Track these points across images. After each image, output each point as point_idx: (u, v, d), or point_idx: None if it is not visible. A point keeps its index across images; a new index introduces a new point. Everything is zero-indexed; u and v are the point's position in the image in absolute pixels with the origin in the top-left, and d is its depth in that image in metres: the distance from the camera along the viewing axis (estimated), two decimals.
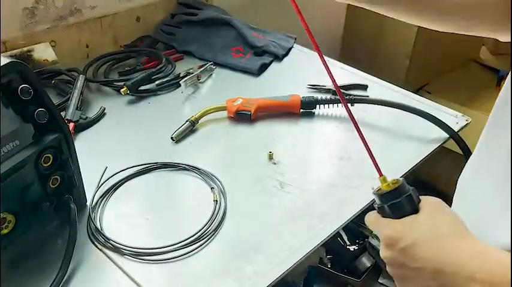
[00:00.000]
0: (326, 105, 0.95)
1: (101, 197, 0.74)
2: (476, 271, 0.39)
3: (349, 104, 0.94)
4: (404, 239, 0.44)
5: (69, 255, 0.61)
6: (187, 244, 0.66)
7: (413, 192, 0.47)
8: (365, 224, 0.50)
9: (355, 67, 1.12)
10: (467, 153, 0.95)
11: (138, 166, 0.80)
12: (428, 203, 0.46)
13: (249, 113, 0.93)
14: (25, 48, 1.02)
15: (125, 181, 0.78)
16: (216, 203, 0.73)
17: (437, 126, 0.89)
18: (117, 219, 0.71)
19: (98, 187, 0.75)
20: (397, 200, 0.46)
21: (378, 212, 0.49)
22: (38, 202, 0.63)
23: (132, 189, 0.77)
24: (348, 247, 1.47)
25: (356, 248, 1.47)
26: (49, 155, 0.62)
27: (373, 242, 1.46)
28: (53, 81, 1.01)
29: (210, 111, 0.94)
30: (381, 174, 0.49)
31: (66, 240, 0.62)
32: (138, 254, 0.65)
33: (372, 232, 1.47)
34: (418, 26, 1.56)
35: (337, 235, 1.46)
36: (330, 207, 0.74)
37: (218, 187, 0.76)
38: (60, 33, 1.08)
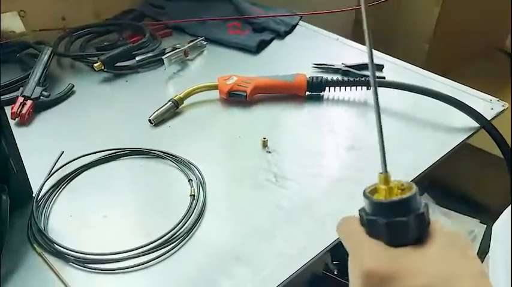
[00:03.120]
0: (337, 88, 0.80)
1: (51, 189, 0.60)
2: None
3: (364, 87, 0.79)
4: (404, 281, 0.29)
5: None
6: (150, 249, 0.52)
7: (425, 210, 0.31)
8: None
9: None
10: (503, 146, 0.79)
11: (103, 151, 0.66)
12: (443, 233, 0.31)
13: (244, 93, 0.78)
14: None
15: (84, 170, 0.63)
16: (193, 199, 0.58)
17: (465, 114, 0.74)
18: (67, 216, 0.57)
19: (49, 176, 0.61)
20: (403, 219, 0.30)
21: (361, 223, 0.32)
22: None
23: (91, 179, 0.63)
24: None
25: None
26: None
27: None
28: (17, 55, 0.88)
29: (197, 90, 0.80)
30: (385, 169, 0.33)
31: None
32: (85, 262, 0.50)
33: None
34: (441, 7, 1.38)
35: None
36: (335, 207, 0.59)
37: (197, 179, 0.61)
38: (30, 2, 0.94)
